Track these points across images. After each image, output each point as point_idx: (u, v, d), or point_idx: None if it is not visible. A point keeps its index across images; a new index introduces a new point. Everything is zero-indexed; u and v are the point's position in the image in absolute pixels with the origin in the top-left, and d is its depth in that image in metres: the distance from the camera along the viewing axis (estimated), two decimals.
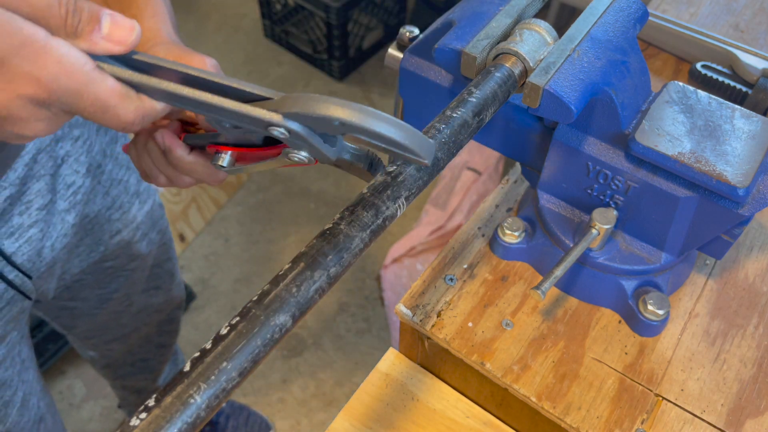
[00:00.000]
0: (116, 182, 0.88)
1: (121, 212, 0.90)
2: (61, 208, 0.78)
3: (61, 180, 0.77)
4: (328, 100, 0.38)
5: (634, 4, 0.54)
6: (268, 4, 2.28)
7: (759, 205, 0.51)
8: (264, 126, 0.40)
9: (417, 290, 0.62)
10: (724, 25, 0.89)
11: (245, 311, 0.34)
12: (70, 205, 0.79)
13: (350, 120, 0.38)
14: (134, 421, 0.30)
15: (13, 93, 0.36)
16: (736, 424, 0.55)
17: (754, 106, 0.75)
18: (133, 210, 0.92)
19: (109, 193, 0.87)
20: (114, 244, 0.91)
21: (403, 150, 0.39)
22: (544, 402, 0.56)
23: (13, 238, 0.72)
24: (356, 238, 0.37)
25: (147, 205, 0.96)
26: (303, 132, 0.40)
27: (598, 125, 0.54)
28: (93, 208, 0.84)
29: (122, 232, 0.92)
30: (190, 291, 1.73)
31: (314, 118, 0.39)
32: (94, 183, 0.83)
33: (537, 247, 0.62)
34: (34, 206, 0.73)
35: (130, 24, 0.38)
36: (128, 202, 0.91)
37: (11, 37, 0.34)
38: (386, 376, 0.64)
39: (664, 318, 0.58)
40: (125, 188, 0.90)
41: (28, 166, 0.71)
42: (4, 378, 0.80)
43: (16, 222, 0.72)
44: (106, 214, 0.87)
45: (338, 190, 1.98)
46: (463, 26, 0.52)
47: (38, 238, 0.75)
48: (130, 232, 0.93)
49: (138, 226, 0.94)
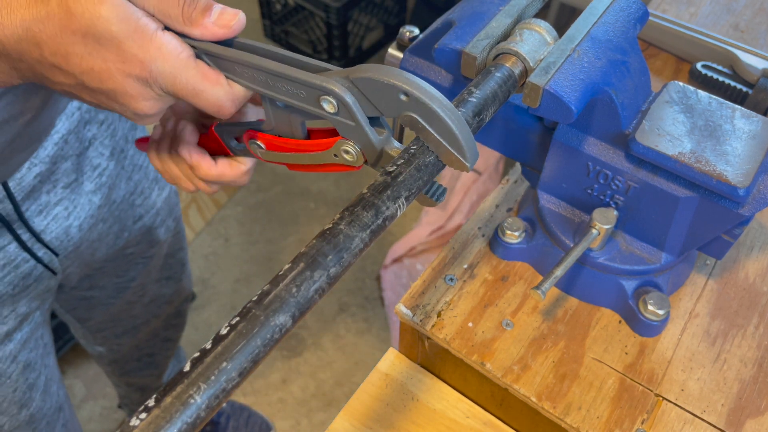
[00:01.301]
0: (137, 168, 0.90)
1: (143, 198, 0.92)
2: (87, 189, 0.80)
3: (88, 162, 0.79)
4: (399, 72, 0.39)
5: (634, 4, 0.54)
6: (268, 4, 2.28)
7: (759, 205, 0.51)
8: (315, 96, 0.42)
9: (417, 290, 0.62)
10: (724, 25, 0.89)
11: (245, 311, 0.34)
12: (96, 186, 0.81)
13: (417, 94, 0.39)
14: (134, 421, 0.30)
15: (125, 71, 0.43)
16: (736, 424, 0.55)
17: (755, 106, 0.75)
18: (153, 196, 0.94)
19: (131, 178, 0.89)
20: (136, 230, 0.93)
21: (452, 145, 0.39)
22: (544, 402, 0.56)
23: (42, 216, 0.74)
24: (356, 238, 0.37)
25: (165, 192, 0.98)
26: (353, 105, 0.41)
27: (598, 125, 0.54)
28: (118, 193, 0.86)
29: (144, 217, 0.94)
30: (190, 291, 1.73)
31: (381, 84, 0.39)
32: (118, 167, 0.85)
33: (537, 247, 0.62)
34: (60, 184, 0.76)
35: (234, 12, 0.44)
36: (149, 187, 0.93)
37: (128, 24, 0.41)
38: (386, 376, 0.64)
39: (664, 318, 0.58)
40: (146, 174, 0.92)
41: (59, 146, 0.73)
42: (29, 359, 0.82)
43: (44, 200, 0.74)
44: (129, 200, 0.89)
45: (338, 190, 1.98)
46: (463, 26, 0.52)
47: (64, 216, 0.77)
48: (151, 218, 0.95)
49: (158, 212, 0.97)
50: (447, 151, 0.40)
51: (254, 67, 0.43)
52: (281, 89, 0.44)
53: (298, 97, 0.43)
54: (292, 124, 0.49)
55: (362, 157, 0.45)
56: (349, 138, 0.44)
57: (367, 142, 0.43)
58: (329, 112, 0.42)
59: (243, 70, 0.44)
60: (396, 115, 0.41)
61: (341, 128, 0.43)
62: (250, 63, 0.43)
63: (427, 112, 0.39)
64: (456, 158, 0.40)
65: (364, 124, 0.42)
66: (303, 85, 0.42)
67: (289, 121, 0.48)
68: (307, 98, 0.43)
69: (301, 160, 0.50)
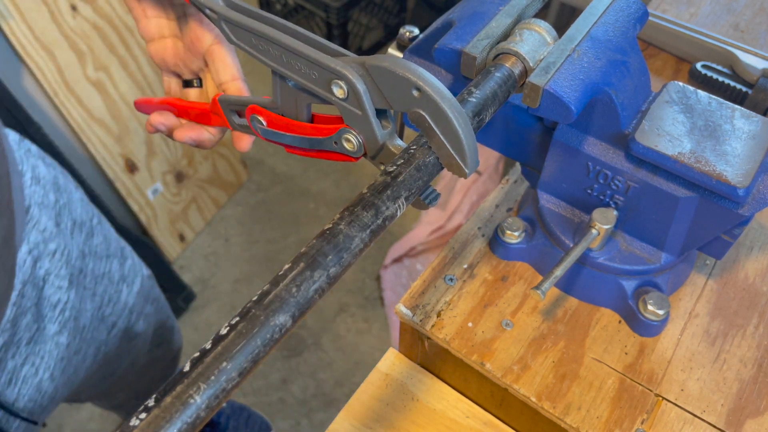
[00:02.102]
0: (100, 278, 0.83)
1: (111, 305, 0.86)
2: (51, 332, 0.73)
3: (46, 302, 0.72)
4: (415, 67, 0.39)
5: (634, 4, 0.54)
6: (267, 4, 2.28)
7: (759, 205, 0.51)
8: (327, 79, 0.41)
9: (417, 290, 0.62)
10: (724, 25, 0.89)
11: (245, 311, 0.34)
12: (61, 325, 0.75)
13: (429, 91, 0.38)
14: (134, 421, 0.30)
15: None
16: (736, 424, 0.55)
17: (754, 106, 0.75)
18: (122, 297, 0.88)
19: (96, 292, 0.82)
20: (113, 338, 0.88)
21: (455, 149, 0.39)
22: (544, 402, 0.56)
23: (12, 385, 0.68)
24: (356, 238, 0.37)
25: (136, 285, 0.92)
26: (363, 93, 0.41)
27: (598, 125, 0.54)
28: (86, 316, 0.80)
29: (118, 323, 0.88)
30: (190, 291, 1.73)
31: (396, 75, 0.39)
32: (80, 291, 0.79)
33: (537, 247, 0.62)
34: (23, 342, 0.69)
35: None
36: (116, 291, 0.87)
37: None
38: (386, 376, 0.64)
39: (664, 318, 0.58)
40: (110, 279, 0.86)
41: (17, 305, 0.68)
42: None
43: (10, 366, 0.68)
44: (98, 315, 0.83)
45: (338, 190, 1.98)
46: (463, 26, 0.52)
47: (32, 374, 0.71)
48: (125, 320, 0.90)
49: (131, 310, 0.91)
50: (449, 154, 0.40)
51: (271, 40, 0.43)
52: (294, 67, 0.44)
53: (310, 77, 0.43)
54: (298, 106, 0.48)
55: (363, 149, 0.45)
56: (353, 127, 0.44)
57: (371, 134, 0.43)
58: (338, 97, 0.42)
59: (260, 42, 0.44)
60: (405, 109, 0.40)
61: (347, 115, 0.43)
62: (268, 35, 0.43)
63: (436, 111, 0.39)
64: (456, 163, 0.40)
65: (371, 114, 0.42)
66: (317, 65, 0.42)
67: (296, 102, 0.48)
68: (319, 80, 0.42)
69: (301, 144, 0.49)
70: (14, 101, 1.31)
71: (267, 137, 0.52)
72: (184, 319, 1.73)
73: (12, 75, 1.35)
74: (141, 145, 1.64)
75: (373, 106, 0.42)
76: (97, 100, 1.51)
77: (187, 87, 0.60)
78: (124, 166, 1.62)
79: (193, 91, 0.60)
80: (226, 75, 0.55)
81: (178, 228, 1.82)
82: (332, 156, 0.48)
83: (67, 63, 1.42)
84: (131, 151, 1.62)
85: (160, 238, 1.76)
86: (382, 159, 0.45)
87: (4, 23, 1.29)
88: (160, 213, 1.74)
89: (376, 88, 0.41)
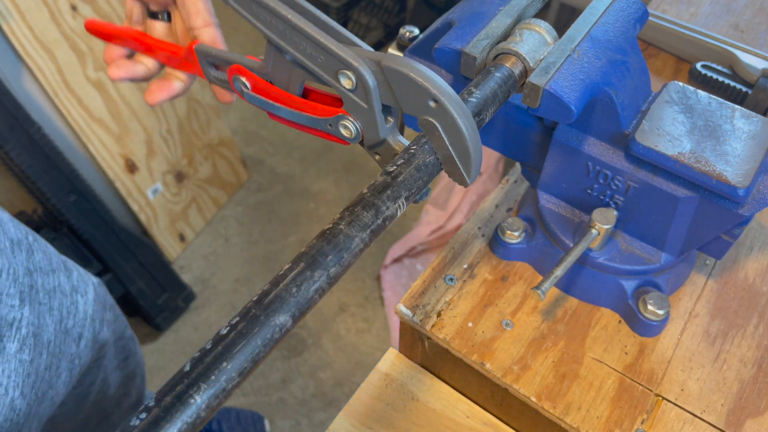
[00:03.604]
0: (52, 292, 0.82)
1: (72, 317, 0.84)
2: (12, 350, 0.72)
3: (3, 322, 0.71)
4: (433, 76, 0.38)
5: (634, 4, 0.54)
6: None
7: (759, 205, 0.51)
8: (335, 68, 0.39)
9: (417, 290, 0.62)
10: (724, 25, 0.89)
11: (245, 311, 0.34)
12: (20, 343, 0.73)
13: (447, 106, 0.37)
14: (134, 421, 0.30)
15: None
16: (736, 424, 0.55)
17: (754, 106, 0.75)
18: (80, 308, 0.87)
19: (52, 306, 0.80)
20: (83, 349, 0.87)
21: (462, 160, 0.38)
22: (544, 402, 0.56)
23: None
24: (356, 238, 0.37)
25: (90, 293, 0.90)
26: (373, 91, 0.39)
27: (598, 125, 0.54)
28: (48, 331, 0.78)
29: (84, 333, 0.86)
30: (190, 291, 1.73)
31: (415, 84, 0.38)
32: (35, 307, 0.77)
33: (537, 247, 0.62)
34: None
35: None
36: (72, 302, 0.85)
37: None
38: (386, 376, 0.64)
39: (664, 318, 0.58)
40: (62, 292, 0.84)
41: None
42: None
43: None
44: (61, 328, 0.82)
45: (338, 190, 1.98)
46: (463, 26, 0.52)
47: (2, 393, 0.69)
48: (90, 329, 0.88)
49: (93, 318, 0.89)
50: (453, 163, 0.39)
51: (278, 15, 0.40)
52: (299, 46, 0.41)
53: (316, 60, 0.41)
54: (291, 78, 0.46)
55: (360, 137, 0.43)
56: (356, 117, 0.42)
57: (373, 128, 0.42)
58: (345, 87, 0.40)
59: (261, 11, 0.41)
60: (415, 114, 0.39)
61: (350, 105, 0.41)
62: (275, 11, 0.40)
63: (451, 124, 0.38)
64: (459, 172, 0.40)
65: (378, 111, 0.41)
66: (327, 53, 0.39)
67: (289, 75, 0.45)
68: (325, 65, 0.40)
69: (290, 117, 0.47)
70: (14, 101, 1.31)
71: (251, 101, 0.49)
72: (184, 319, 1.73)
73: (12, 75, 1.35)
74: (141, 145, 1.64)
75: (381, 103, 0.41)
76: (97, 100, 1.51)
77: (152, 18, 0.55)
78: (124, 166, 1.62)
79: (159, 24, 0.55)
80: (198, 21, 0.51)
81: (178, 228, 1.82)
82: (322, 135, 0.45)
83: (67, 63, 1.42)
84: (131, 151, 1.62)
85: (160, 238, 1.76)
86: (379, 151, 0.44)
87: (4, 23, 1.29)
88: (160, 213, 1.74)
89: (387, 86, 0.40)
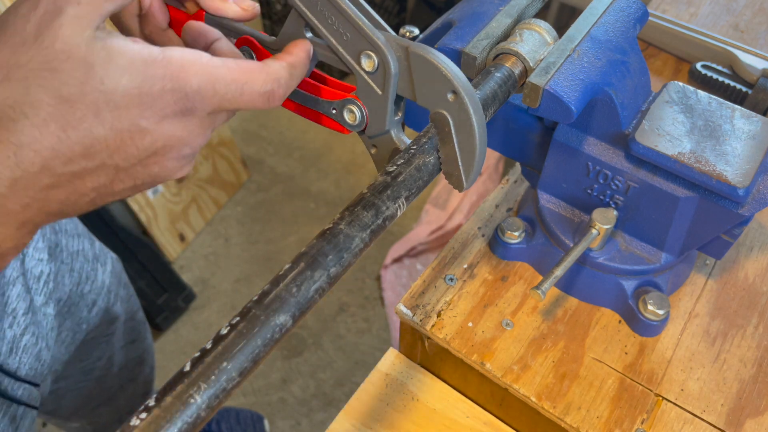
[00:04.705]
0: (76, 254, 0.84)
1: (90, 283, 0.87)
2: (39, 303, 0.74)
3: (30, 275, 0.74)
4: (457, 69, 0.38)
5: (634, 4, 0.54)
6: (268, 4, 2.28)
7: (759, 205, 0.51)
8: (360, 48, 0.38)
9: (417, 290, 0.62)
10: (724, 25, 0.89)
11: (245, 311, 0.34)
12: (46, 297, 0.76)
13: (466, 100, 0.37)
14: (134, 421, 0.30)
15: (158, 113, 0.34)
16: (736, 424, 0.55)
17: (754, 106, 0.75)
18: (99, 276, 0.89)
19: (73, 268, 0.83)
20: (94, 317, 0.89)
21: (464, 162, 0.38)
22: (544, 402, 0.56)
23: (13, 354, 0.69)
24: (356, 238, 0.37)
25: (108, 266, 0.93)
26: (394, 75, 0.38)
27: (598, 125, 0.54)
28: (64, 290, 0.81)
29: (98, 301, 0.89)
30: (190, 291, 1.73)
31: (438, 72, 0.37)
32: (58, 264, 0.80)
33: (537, 247, 0.62)
34: (20, 312, 0.70)
35: None
36: (92, 270, 0.88)
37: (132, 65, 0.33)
38: (386, 376, 0.64)
39: (664, 318, 0.58)
40: (85, 257, 0.86)
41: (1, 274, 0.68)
42: None
43: (9, 336, 0.69)
44: (78, 291, 0.84)
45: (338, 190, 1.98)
46: (463, 26, 0.52)
47: (33, 343, 0.72)
48: (104, 299, 0.91)
49: (108, 289, 0.92)
50: (455, 164, 0.39)
51: None
52: (327, 20, 0.39)
53: (341, 38, 0.39)
54: None
55: (364, 125, 0.42)
56: (365, 103, 0.41)
57: (381, 117, 0.41)
58: (365, 69, 0.39)
59: None
60: (429, 106, 0.39)
61: (364, 89, 0.41)
62: None
63: (463, 119, 0.38)
64: (458, 175, 0.40)
65: (391, 99, 0.40)
66: (357, 30, 0.38)
67: None
68: (350, 44, 0.39)
69: (294, 96, 0.45)
70: None
71: None
72: (184, 319, 1.73)
73: None
74: None
75: (396, 92, 0.40)
76: None
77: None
78: None
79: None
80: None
81: (178, 228, 1.82)
82: (323, 120, 0.44)
83: None
84: None
85: (160, 238, 1.76)
86: (377, 143, 0.43)
87: None
88: (160, 213, 1.74)
89: (408, 75, 0.39)
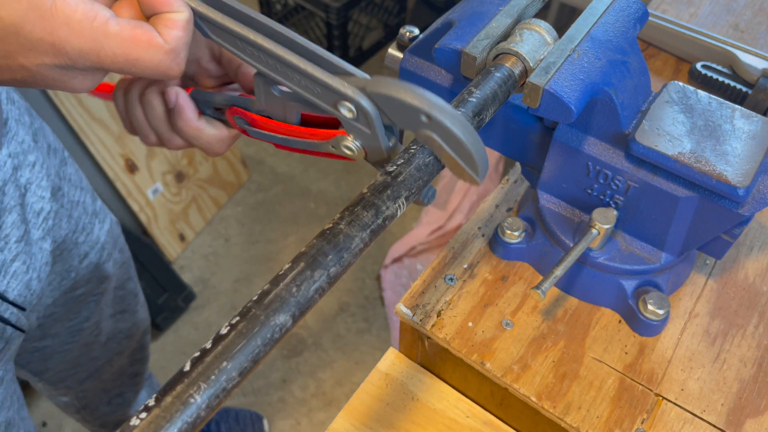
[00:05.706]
0: (75, 204, 0.86)
1: (85, 234, 0.88)
2: (36, 237, 0.76)
3: (30, 208, 0.75)
4: (423, 93, 0.38)
5: (634, 4, 0.54)
6: (268, 4, 2.28)
7: (759, 205, 0.51)
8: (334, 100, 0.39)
9: (417, 290, 0.62)
10: (724, 25, 0.89)
11: (245, 311, 0.34)
12: (44, 232, 0.77)
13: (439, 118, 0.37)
14: (134, 421, 0.30)
15: (34, 61, 0.35)
16: (736, 423, 0.55)
17: (754, 106, 0.75)
18: (95, 230, 0.91)
19: (72, 215, 0.85)
20: (84, 269, 0.90)
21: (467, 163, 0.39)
22: (544, 402, 0.56)
23: (1, 276, 0.70)
24: (356, 238, 0.37)
25: (106, 224, 0.94)
26: (373, 116, 0.39)
27: (598, 125, 0.54)
28: (60, 233, 0.82)
29: (90, 254, 0.90)
30: (190, 291, 1.73)
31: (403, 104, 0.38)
32: (58, 207, 0.81)
33: (537, 247, 0.62)
34: (12, 239, 0.71)
35: None
36: (89, 222, 0.89)
37: (18, 3, 0.33)
38: (386, 376, 0.64)
39: (664, 318, 0.58)
40: (84, 209, 0.88)
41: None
42: (8, 418, 0.79)
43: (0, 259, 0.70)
44: (72, 238, 0.85)
45: (338, 190, 1.98)
46: (463, 26, 0.52)
47: (23, 271, 0.73)
48: (97, 254, 0.92)
49: (103, 246, 0.93)
50: (460, 167, 0.40)
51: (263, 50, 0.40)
52: (293, 78, 0.41)
53: (312, 92, 0.41)
54: (286, 110, 0.46)
55: (363, 153, 0.44)
56: (358, 139, 0.42)
57: (377, 148, 0.42)
58: (347, 116, 0.41)
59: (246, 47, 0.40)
60: (412, 130, 0.40)
61: (353, 130, 0.42)
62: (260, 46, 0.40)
63: (447, 134, 0.38)
64: (468, 174, 0.40)
65: (381, 134, 0.41)
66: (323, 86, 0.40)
67: (283, 106, 0.46)
68: (323, 96, 0.40)
69: (293, 144, 0.47)
70: None
71: (255, 136, 0.49)
72: (184, 319, 1.73)
73: None
74: (141, 145, 1.64)
75: (383, 126, 0.41)
76: (98, 100, 1.51)
77: None
78: (124, 166, 1.62)
79: None
80: None
81: (178, 228, 1.82)
82: (327, 155, 0.46)
83: None
84: (131, 151, 1.62)
85: (160, 238, 1.76)
86: (383, 164, 0.44)
87: None
88: (160, 213, 1.74)
89: (381, 110, 0.40)
